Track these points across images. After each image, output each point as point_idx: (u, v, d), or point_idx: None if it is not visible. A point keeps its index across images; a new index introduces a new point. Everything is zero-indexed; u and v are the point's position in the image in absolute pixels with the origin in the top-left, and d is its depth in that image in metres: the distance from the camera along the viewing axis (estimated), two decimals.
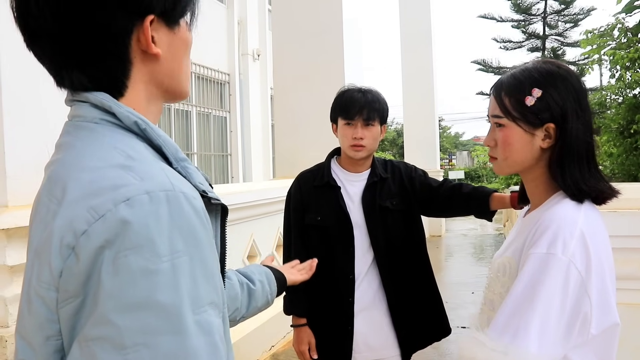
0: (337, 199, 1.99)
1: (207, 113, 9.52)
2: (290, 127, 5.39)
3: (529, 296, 0.96)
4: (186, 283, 0.61)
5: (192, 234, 0.63)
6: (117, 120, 0.70)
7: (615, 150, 7.37)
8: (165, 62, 0.75)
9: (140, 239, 0.59)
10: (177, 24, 0.76)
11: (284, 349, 4.07)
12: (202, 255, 0.64)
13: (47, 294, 0.62)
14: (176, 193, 0.64)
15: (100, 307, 0.59)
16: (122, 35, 0.69)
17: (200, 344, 0.61)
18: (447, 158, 30.87)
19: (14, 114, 1.87)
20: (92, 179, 0.64)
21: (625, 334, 1.51)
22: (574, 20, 21.38)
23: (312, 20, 5.32)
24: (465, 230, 11.94)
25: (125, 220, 0.60)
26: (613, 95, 7.83)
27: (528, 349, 0.92)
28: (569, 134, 1.06)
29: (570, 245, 0.97)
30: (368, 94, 1.99)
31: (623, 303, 1.90)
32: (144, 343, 0.59)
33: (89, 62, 0.69)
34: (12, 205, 1.86)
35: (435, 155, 11.25)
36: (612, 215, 1.87)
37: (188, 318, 0.61)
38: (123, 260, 0.59)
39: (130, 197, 0.61)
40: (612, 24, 7.54)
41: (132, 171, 0.64)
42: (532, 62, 1.15)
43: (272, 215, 4.11)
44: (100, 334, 0.59)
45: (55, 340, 0.63)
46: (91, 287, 0.60)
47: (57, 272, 0.61)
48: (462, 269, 7.55)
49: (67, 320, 0.62)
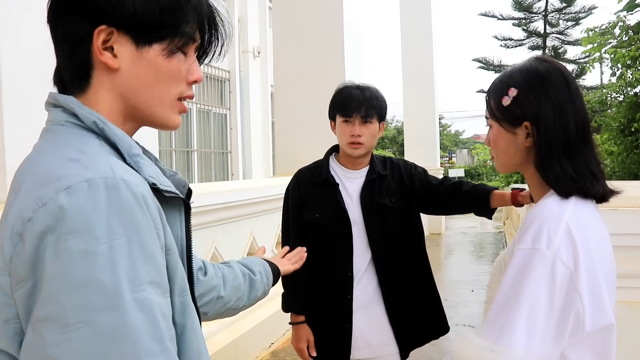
0: (335, 196, 1.99)
1: (207, 110, 9.51)
2: (291, 124, 5.38)
3: (514, 293, 0.95)
4: (124, 263, 0.65)
5: (130, 217, 0.67)
6: (80, 122, 0.76)
7: (616, 149, 7.36)
8: (125, 77, 0.78)
9: (78, 224, 0.64)
10: (147, 44, 0.77)
11: (283, 346, 4.08)
12: (140, 238, 0.67)
13: (2, 278, 0.67)
14: (116, 180, 0.68)
15: (45, 289, 0.63)
16: (83, 37, 0.76)
17: (139, 320, 0.64)
18: (447, 156, 30.87)
19: (13, 110, 1.86)
20: (42, 171, 0.70)
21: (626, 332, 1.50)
22: (575, 18, 21.36)
23: (313, 18, 5.32)
24: (465, 228, 11.95)
25: (65, 206, 0.64)
26: (614, 93, 7.81)
27: (514, 346, 0.91)
28: (544, 130, 1.06)
29: (555, 240, 0.96)
30: (366, 91, 1.97)
31: (624, 301, 1.90)
32: (86, 320, 0.62)
33: (59, 54, 0.80)
34: None
35: (435, 153, 11.24)
36: (613, 213, 1.86)
37: (126, 295, 0.64)
38: (63, 244, 0.63)
39: (70, 185, 0.66)
40: (614, 22, 7.53)
41: (78, 163, 0.69)
42: (524, 61, 1.17)
43: (272, 212, 4.11)
44: (46, 315, 0.63)
45: (14, 324, 0.68)
46: (38, 271, 0.64)
47: (9, 258, 0.66)
48: (461, 267, 7.55)
49: (22, 303, 0.66)
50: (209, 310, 1.15)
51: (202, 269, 1.14)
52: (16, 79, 1.86)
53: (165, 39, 0.78)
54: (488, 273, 6.17)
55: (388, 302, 1.98)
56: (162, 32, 0.77)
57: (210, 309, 1.15)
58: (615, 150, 7.36)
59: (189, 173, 9.09)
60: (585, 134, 1.08)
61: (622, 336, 1.09)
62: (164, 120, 0.83)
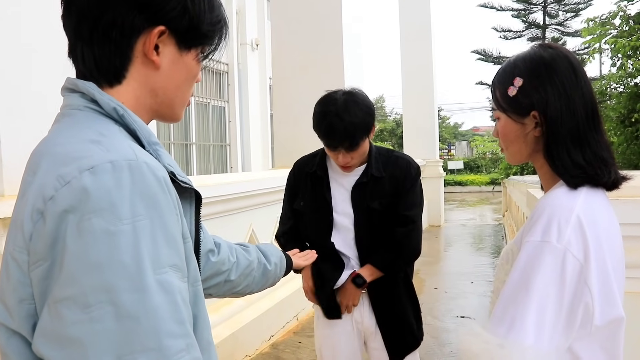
0: (322, 188, 2.00)
1: (206, 103, 9.47)
2: (289, 117, 5.36)
3: (524, 286, 0.93)
4: (147, 244, 0.65)
5: (153, 200, 0.67)
6: (100, 108, 0.76)
7: (616, 140, 7.35)
8: (162, 75, 0.81)
9: (102, 204, 0.63)
10: (187, 49, 0.82)
11: (283, 338, 4.08)
12: (163, 221, 0.68)
13: (20, 256, 0.67)
14: (139, 162, 0.68)
15: (65, 269, 0.63)
16: (128, 30, 0.76)
17: (161, 301, 0.65)
18: (446, 148, 30.85)
19: (9, 103, 1.84)
20: (63, 151, 0.69)
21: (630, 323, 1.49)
22: (575, 9, 21.30)
23: (311, 10, 5.28)
24: (464, 220, 11.96)
25: (88, 186, 0.64)
26: (614, 84, 7.78)
27: (524, 341, 0.90)
28: (552, 119, 1.04)
29: (565, 232, 0.94)
30: (347, 122, 1.80)
31: (628, 292, 1.89)
32: (108, 300, 0.62)
33: (97, 42, 0.77)
34: (9, 195, 1.84)
35: (434, 146, 11.24)
36: (615, 202, 1.84)
37: (149, 277, 0.64)
38: (87, 224, 0.63)
39: (94, 165, 0.65)
40: (614, 12, 7.49)
41: (100, 144, 0.69)
42: (527, 49, 1.14)
43: (271, 204, 4.09)
44: (67, 294, 0.63)
45: (28, 304, 0.67)
46: (57, 251, 0.64)
47: (28, 235, 0.66)
48: (461, 259, 7.55)
49: (38, 283, 0.65)
50: (214, 292, 1.20)
51: (213, 250, 1.17)
52: (11, 73, 1.84)
53: (201, 46, 0.84)
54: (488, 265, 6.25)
55: (372, 302, 2.01)
56: (203, 41, 0.83)
57: (216, 291, 1.20)
58: (616, 141, 7.34)
59: (188, 166, 9.07)
60: (595, 119, 1.06)
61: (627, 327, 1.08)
62: (177, 117, 0.87)
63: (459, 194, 21.12)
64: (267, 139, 10.55)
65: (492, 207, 15.44)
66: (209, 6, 0.82)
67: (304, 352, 3.80)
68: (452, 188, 22.05)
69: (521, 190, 5.94)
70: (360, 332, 2.06)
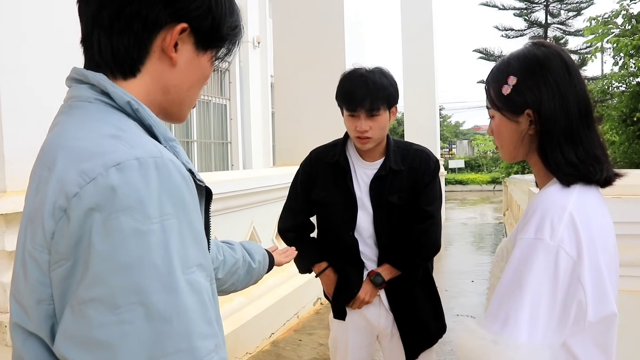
0: (345, 179, 1.94)
1: (207, 101, 9.47)
2: (291, 114, 5.36)
3: (517, 283, 0.94)
4: (175, 244, 0.63)
5: (180, 198, 0.66)
6: (111, 101, 0.73)
7: (618, 139, 7.34)
8: (177, 72, 0.79)
9: (130, 202, 0.61)
10: (204, 50, 0.81)
11: (283, 336, 4.09)
12: (189, 219, 0.66)
13: (40, 255, 0.64)
14: (164, 160, 0.66)
15: (92, 269, 0.60)
16: (151, 24, 0.74)
17: (192, 302, 0.63)
18: (447, 147, 30.83)
19: (12, 99, 1.85)
20: (82, 145, 0.66)
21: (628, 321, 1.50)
22: (577, 8, 21.24)
23: (313, 8, 5.28)
24: (465, 219, 11.95)
25: (116, 183, 0.62)
26: (616, 83, 7.77)
27: (517, 338, 0.91)
28: (546, 117, 1.05)
29: (558, 230, 0.95)
30: (370, 82, 1.83)
31: (626, 290, 1.90)
32: (138, 301, 0.60)
33: (117, 31, 0.74)
34: (11, 191, 1.85)
35: (435, 144, 11.23)
36: (616, 201, 1.85)
37: (179, 277, 0.63)
38: (115, 222, 0.61)
39: (120, 162, 0.63)
40: (616, 11, 7.46)
41: (121, 140, 0.67)
42: (521, 48, 1.14)
43: (272, 202, 4.10)
44: (94, 296, 0.60)
45: (47, 305, 0.65)
46: (81, 250, 0.61)
47: (50, 234, 0.63)
48: (462, 258, 7.56)
49: (58, 284, 0.63)
50: None
51: None
52: (14, 69, 1.85)
53: (217, 48, 0.83)
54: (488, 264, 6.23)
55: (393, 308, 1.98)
56: (220, 43, 0.83)
57: None
58: (617, 140, 7.33)
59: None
60: (588, 117, 1.06)
61: (624, 325, 1.09)
62: (183, 117, 0.86)
63: (459, 193, 21.10)
64: (269, 136, 10.55)
65: (493, 206, 15.42)
66: (229, 10, 0.82)
67: (304, 350, 3.81)
68: (453, 187, 22.04)
69: (522, 189, 5.94)
70: (373, 329, 2.03)
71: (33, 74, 1.89)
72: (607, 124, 7.49)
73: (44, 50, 1.89)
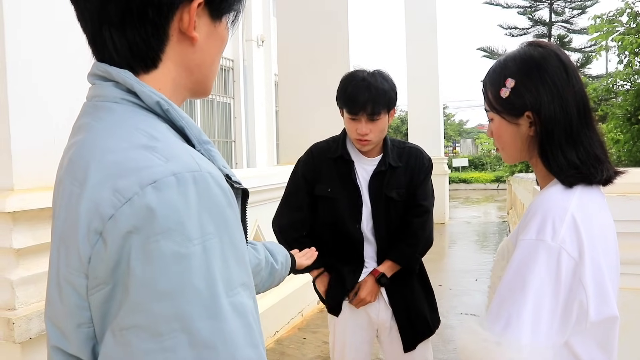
0: (350, 173, 1.99)
1: (211, 99, 9.49)
2: (295, 113, 5.36)
3: (519, 284, 0.94)
4: (218, 265, 0.60)
5: (221, 215, 0.62)
6: (139, 100, 0.69)
7: (622, 137, 7.30)
8: (199, 51, 0.74)
9: (170, 223, 0.58)
10: (219, 18, 0.75)
11: (288, 334, 4.10)
12: (231, 237, 0.63)
13: (77, 280, 0.61)
14: (203, 174, 0.62)
15: (132, 296, 0.58)
16: (167, 7, 0.69)
17: (237, 327, 0.61)
18: (451, 145, 30.78)
19: (20, 97, 1.86)
20: (115, 160, 0.62)
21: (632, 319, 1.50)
22: (581, 6, 21.15)
23: (317, 6, 5.27)
24: (468, 218, 11.94)
25: (154, 204, 0.58)
26: (621, 81, 7.73)
27: (520, 338, 0.91)
28: (546, 119, 1.04)
29: (560, 231, 0.95)
30: (372, 87, 1.89)
31: (631, 288, 1.90)
32: (180, 329, 0.58)
33: (130, 24, 0.68)
34: (18, 189, 1.86)
35: (439, 143, 11.22)
36: (621, 199, 1.85)
37: (222, 301, 0.60)
38: (154, 246, 0.57)
39: (157, 180, 0.59)
40: (621, 9, 7.42)
41: (156, 152, 0.62)
42: (515, 48, 1.13)
43: (276, 200, 4.08)
44: (135, 322, 0.58)
45: (87, 328, 0.62)
46: (120, 274, 0.58)
47: (86, 259, 0.60)
48: (465, 256, 7.55)
49: (98, 307, 0.61)
50: None
51: None
52: (22, 67, 1.86)
53: (231, 12, 0.77)
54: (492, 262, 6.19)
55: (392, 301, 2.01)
56: (233, 6, 0.77)
57: None
58: (622, 139, 7.29)
59: None
60: (587, 116, 1.06)
61: (628, 323, 1.09)
62: (209, 91, 0.82)
63: (463, 192, 21.08)
64: (272, 135, 10.56)
65: (497, 204, 15.40)
66: None
67: (308, 348, 3.82)
68: (456, 185, 22.01)
69: (526, 187, 5.93)
70: (374, 324, 2.06)
71: (39, 72, 1.90)
72: (612, 123, 7.45)
73: (49, 48, 1.90)
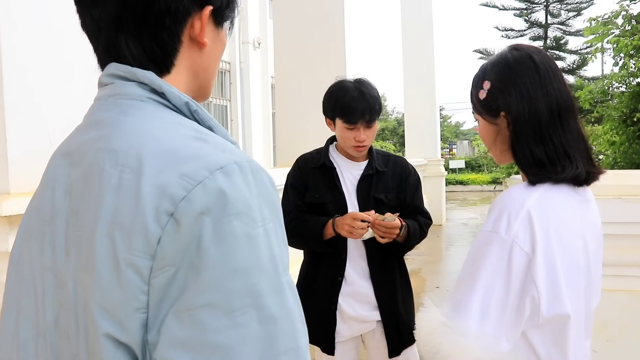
0: (333, 179, 2.06)
1: (208, 102, 9.49)
2: (291, 115, 5.37)
3: (472, 272, 1.00)
4: (276, 246, 0.65)
5: (273, 202, 0.67)
6: (164, 100, 0.72)
7: (618, 139, 7.33)
8: (206, 56, 0.78)
9: (239, 206, 0.62)
10: (221, 24, 0.80)
11: None
12: (280, 222, 0.68)
13: (142, 262, 0.61)
14: (255, 164, 0.67)
15: (206, 274, 0.60)
16: (182, 15, 0.72)
17: (293, 302, 0.66)
18: (447, 147, 30.86)
19: (15, 101, 1.85)
20: (172, 148, 0.65)
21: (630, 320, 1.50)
22: (577, 8, 21.28)
23: (314, 9, 5.28)
24: (465, 220, 11.96)
25: (225, 187, 0.62)
26: (616, 83, 7.77)
27: (467, 324, 0.95)
28: (515, 119, 1.08)
29: (514, 225, 0.99)
30: (367, 95, 1.98)
31: (628, 290, 1.90)
32: (252, 304, 0.61)
33: (147, 32, 0.72)
34: (14, 192, 1.85)
35: (436, 145, 11.24)
36: (616, 201, 1.85)
37: (283, 278, 0.65)
38: (228, 227, 0.61)
39: (223, 166, 0.63)
40: (616, 12, 7.47)
41: (208, 142, 0.67)
42: (499, 52, 1.19)
43: None
44: (207, 301, 0.60)
45: (142, 313, 0.63)
46: (187, 256, 0.60)
47: (155, 239, 0.61)
48: (462, 258, 7.44)
49: (158, 290, 0.62)
50: None
51: None
52: (17, 69, 1.85)
53: (231, 17, 0.82)
54: None
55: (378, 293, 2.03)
56: (233, 12, 0.81)
57: None
58: (617, 141, 7.32)
59: None
60: (561, 114, 1.08)
61: (627, 324, 1.09)
62: (209, 94, 0.86)
63: (460, 193, 21.11)
64: (269, 137, 10.57)
65: None
66: None
67: None
68: (453, 187, 22.04)
69: None
70: (359, 339, 2.10)
71: (34, 76, 1.90)
72: (608, 124, 7.48)
73: (45, 52, 1.90)
